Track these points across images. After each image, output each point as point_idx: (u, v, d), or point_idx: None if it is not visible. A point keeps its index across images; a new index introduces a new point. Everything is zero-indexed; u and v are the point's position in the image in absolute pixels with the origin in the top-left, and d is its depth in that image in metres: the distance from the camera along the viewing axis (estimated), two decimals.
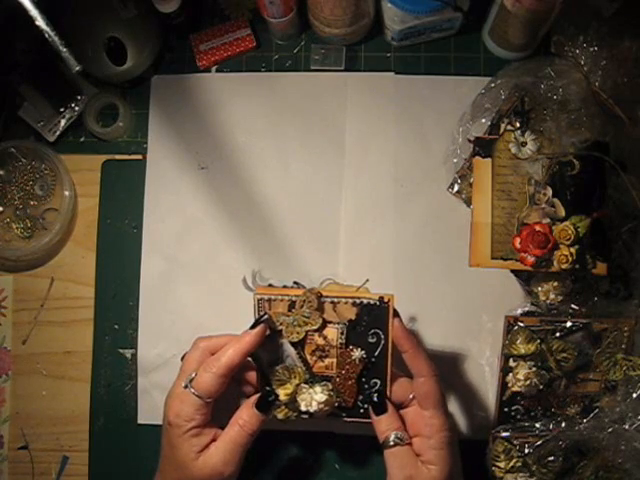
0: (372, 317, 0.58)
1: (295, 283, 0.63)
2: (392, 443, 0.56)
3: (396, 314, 0.58)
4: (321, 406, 0.58)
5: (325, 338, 0.59)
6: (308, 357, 0.59)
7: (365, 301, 0.58)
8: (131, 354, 0.72)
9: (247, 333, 0.58)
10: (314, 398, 0.58)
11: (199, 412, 0.57)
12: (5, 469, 0.73)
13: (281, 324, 0.59)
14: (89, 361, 0.73)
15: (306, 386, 0.59)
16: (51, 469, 0.72)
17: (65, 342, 0.74)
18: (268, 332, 0.59)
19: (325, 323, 0.59)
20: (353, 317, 0.59)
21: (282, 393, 0.58)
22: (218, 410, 0.59)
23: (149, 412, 0.71)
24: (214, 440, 0.58)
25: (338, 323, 0.59)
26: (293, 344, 0.59)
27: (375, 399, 0.59)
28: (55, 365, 0.73)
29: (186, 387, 0.57)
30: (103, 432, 0.72)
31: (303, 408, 0.58)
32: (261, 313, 0.59)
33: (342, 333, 0.59)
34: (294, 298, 0.59)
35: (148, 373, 0.71)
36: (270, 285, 0.63)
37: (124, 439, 0.72)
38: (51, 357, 0.74)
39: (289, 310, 0.59)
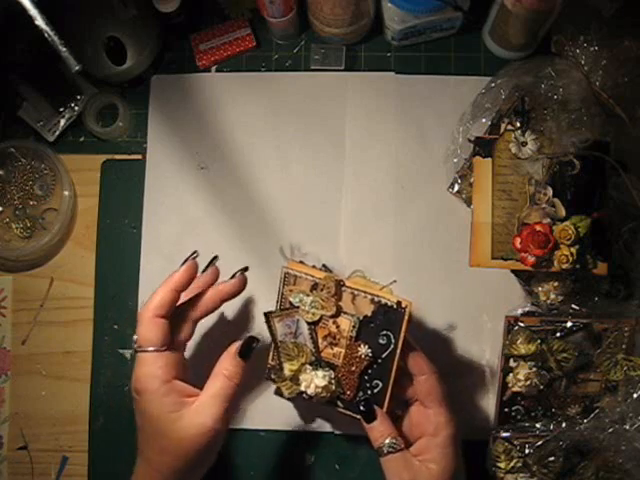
0: (387, 318, 0.58)
1: (324, 266, 0.63)
2: (386, 451, 0.56)
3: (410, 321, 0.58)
4: (318, 390, 0.58)
5: (338, 327, 0.59)
6: (319, 340, 0.60)
7: (383, 301, 0.58)
8: (131, 354, 0.72)
9: (176, 271, 0.59)
10: (314, 381, 0.58)
11: (156, 365, 0.54)
12: (5, 469, 0.72)
13: (300, 301, 0.59)
14: (89, 361, 0.73)
15: (310, 367, 0.59)
16: (51, 469, 0.72)
17: (65, 342, 0.73)
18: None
19: (340, 312, 0.59)
20: (369, 313, 0.59)
21: (287, 368, 0.59)
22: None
23: None
24: (189, 397, 0.55)
25: (353, 315, 0.59)
26: (308, 324, 0.60)
27: (362, 407, 0.58)
28: (55, 365, 0.73)
29: (137, 352, 0.56)
30: (103, 432, 0.72)
31: (302, 388, 0.59)
32: (193, 253, 0.61)
33: (354, 326, 0.59)
34: (318, 280, 0.59)
35: None
36: (301, 262, 0.63)
37: (124, 439, 0.71)
38: (51, 357, 0.73)
39: (311, 290, 0.59)
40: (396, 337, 0.58)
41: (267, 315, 0.60)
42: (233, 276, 0.62)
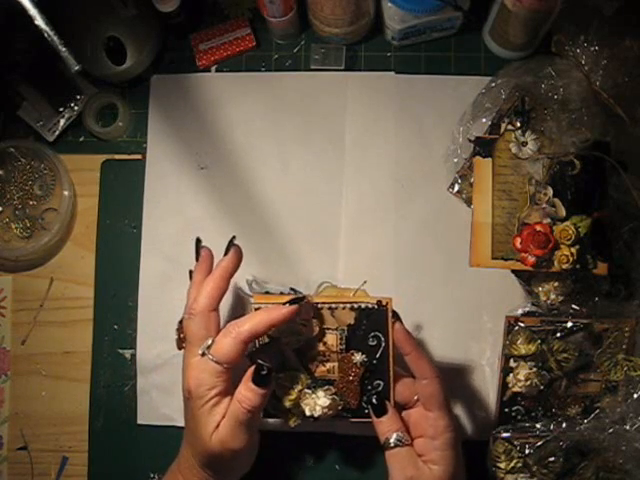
0: (371, 321, 0.58)
1: (292, 289, 0.63)
2: (393, 444, 0.56)
3: (397, 317, 0.58)
4: (325, 410, 0.58)
5: (325, 344, 0.59)
6: (309, 363, 0.59)
7: (363, 305, 0.58)
8: (130, 354, 0.72)
9: (279, 307, 0.56)
10: (317, 403, 0.58)
11: (220, 379, 0.55)
12: (4, 470, 0.73)
13: (279, 332, 0.58)
14: (88, 361, 0.73)
15: (309, 391, 0.58)
16: (50, 470, 0.72)
17: (64, 342, 0.73)
18: (266, 340, 0.59)
19: (324, 330, 0.59)
20: (352, 322, 0.58)
21: (286, 400, 0.58)
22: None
23: (148, 412, 0.71)
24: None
25: (337, 329, 0.59)
26: (293, 350, 0.59)
27: (374, 401, 0.58)
28: (54, 365, 0.73)
29: (203, 355, 0.55)
30: (102, 432, 0.72)
31: (308, 413, 0.58)
32: (299, 295, 0.58)
33: (341, 338, 0.59)
34: None
35: (147, 373, 0.71)
36: (267, 292, 0.63)
37: (123, 439, 0.71)
38: (50, 357, 0.73)
39: None
40: (385, 335, 0.58)
41: (249, 356, 0.57)
42: (226, 252, 0.61)
